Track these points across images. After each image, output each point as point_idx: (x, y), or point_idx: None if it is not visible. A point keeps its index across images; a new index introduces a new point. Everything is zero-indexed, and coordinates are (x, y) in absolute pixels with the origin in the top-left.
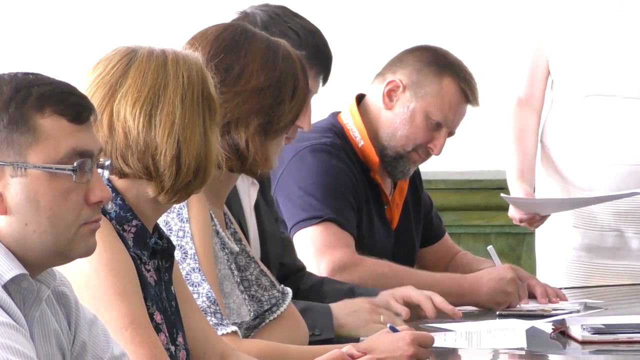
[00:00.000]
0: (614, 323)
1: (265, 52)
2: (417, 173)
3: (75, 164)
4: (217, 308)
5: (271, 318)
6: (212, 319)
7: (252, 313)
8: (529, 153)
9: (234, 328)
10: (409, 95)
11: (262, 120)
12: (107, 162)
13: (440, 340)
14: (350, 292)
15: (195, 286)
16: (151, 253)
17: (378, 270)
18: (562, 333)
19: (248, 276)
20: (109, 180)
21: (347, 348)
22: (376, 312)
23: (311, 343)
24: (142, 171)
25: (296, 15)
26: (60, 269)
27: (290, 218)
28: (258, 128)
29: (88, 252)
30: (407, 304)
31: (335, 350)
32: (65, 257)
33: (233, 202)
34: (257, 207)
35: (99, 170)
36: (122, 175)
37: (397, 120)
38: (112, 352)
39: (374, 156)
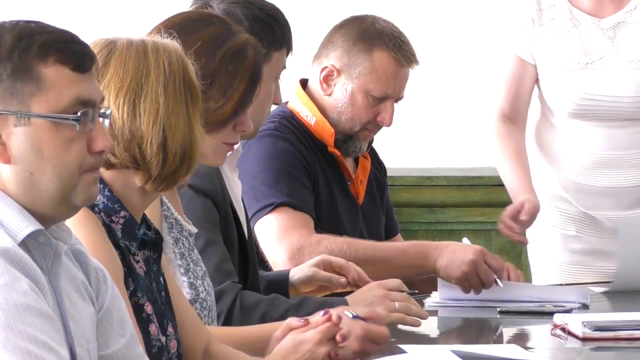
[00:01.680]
0: (614, 320)
1: (204, 44)
2: (381, 164)
3: (78, 114)
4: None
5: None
6: (198, 307)
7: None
8: (528, 169)
9: None
10: (344, 78)
11: None
12: (108, 112)
13: None
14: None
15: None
16: (140, 244)
17: (336, 248)
18: (562, 330)
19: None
20: None
21: (288, 321)
22: (390, 299)
23: None
24: (129, 160)
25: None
26: None
27: (249, 210)
28: None
29: (90, 199)
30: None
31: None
32: (70, 204)
33: (224, 191)
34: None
35: (100, 120)
36: (109, 166)
37: (338, 104)
38: (132, 331)
39: (329, 129)
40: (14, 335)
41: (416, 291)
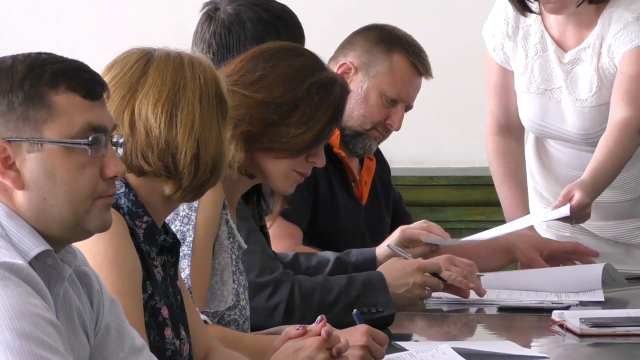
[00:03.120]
0: (611, 316)
1: (294, 72)
2: (386, 165)
3: (90, 138)
4: (192, 297)
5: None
6: (237, 313)
7: (237, 302)
8: (522, 188)
9: (204, 317)
10: (361, 75)
11: (254, 130)
12: (121, 140)
13: None
14: (337, 259)
15: (181, 271)
16: (159, 249)
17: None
18: (560, 326)
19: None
20: (124, 177)
21: (286, 330)
22: (425, 287)
23: (370, 322)
24: (162, 169)
25: (261, 2)
26: None
27: None
28: (245, 134)
29: (104, 226)
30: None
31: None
32: (83, 230)
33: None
34: None
35: (113, 148)
36: (141, 173)
37: (352, 101)
38: (132, 343)
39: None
40: (28, 342)
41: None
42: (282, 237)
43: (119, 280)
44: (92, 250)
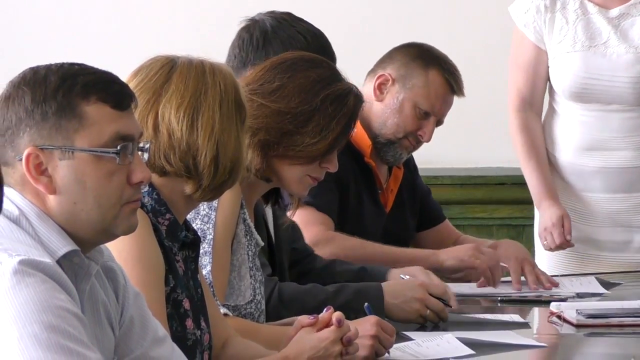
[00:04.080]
0: (606, 308)
1: (310, 83)
2: (413, 162)
3: (118, 147)
4: (213, 290)
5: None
6: (253, 307)
7: (254, 296)
8: (546, 164)
9: (225, 310)
10: (398, 87)
11: (271, 138)
12: (147, 145)
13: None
14: (362, 270)
15: (202, 268)
16: (181, 245)
17: (348, 244)
18: (558, 317)
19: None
20: None
21: (299, 319)
22: (425, 304)
23: None
24: (184, 169)
25: (302, 20)
26: None
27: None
28: (262, 142)
29: (130, 229)
30: None
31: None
32: (110, 233)
33: (259, 202)
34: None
35: (140, 153)
36: (163, 173)
37: (387, 110)
38: (155, 333)
39: (366, 140)
40: (55, 334)
41: (451, 307)
42: (315, 224)
43: (143, 274)
44: (117, 246)
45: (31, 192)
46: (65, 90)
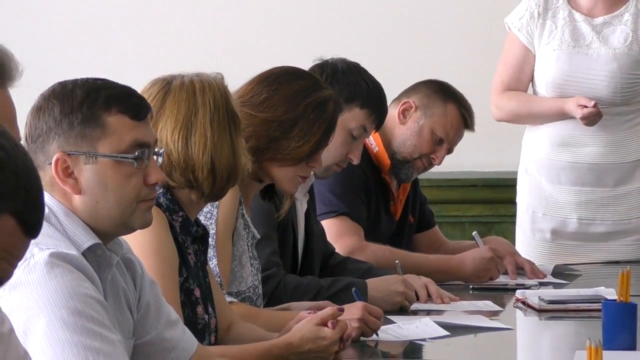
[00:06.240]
0: (565, 295)
1: (293, 94)
2: (416, 178)
3: (136, 153)
4: (220, 280)
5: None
6: (251, 292)
7: (253, 282)
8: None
9: (230, 299)
10: (420, 114)
11: (261, 144)
12: (161, 151)
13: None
14: (369, 270)
15: (209, 260)
16: (192, 239)
17: (379, 254)
18: (523, 303)
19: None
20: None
21: (300, 314)
22: (405, 297)
23: None
24: (185, 184)
25: (366, 71)
26: None
27: (317, 209)
28: (253, 148)
29: (145, 224)
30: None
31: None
32: (128, 227)
33: (291, 209)
34: (307, 213)
35: (154, 157)
36: (169, 188)
37: (408, 132)
38: (168, 317)
39: (386, 159)
40: (80, 317)
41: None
42: (350, 234)
43: (160, 265)
44: (138, 240)
45: (59, 192)
46: (90, 103)
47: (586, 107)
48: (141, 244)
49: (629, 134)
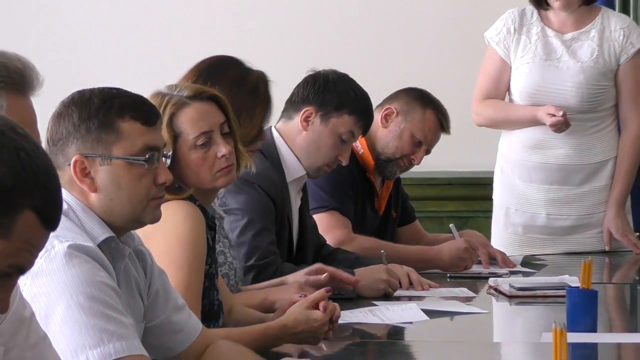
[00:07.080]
0: (533, 282)
1: (229, 88)
2: (398, 177)
3: (147, 156)
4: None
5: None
6: (233, 274)
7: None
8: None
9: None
10: (401, 118)
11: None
12: (169, 153)
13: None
14: (357, 260)
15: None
16: (208, 228)
17: (366, 245)
18: (495, 289)
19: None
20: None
21: (292, 297)
22: (389, 285)
23: (335, 299)
24: (176, 193)
25: (354, 81)
26: (152, 236)
27: (310, 204)
28: None
29: (155, 220)
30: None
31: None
32: (139, 222)
33: (286, 205)
34: (301, 209)
35: (163, 159)
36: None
37: (390, 135)
38: (175, 303)
39: (370, 160)
40: (96, 303)
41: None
42: (340, 227)
43: (189, 255)
44: (178, 231)
45: (77, 190)
46: (106, 110)
47: (555, 115)
48: (175, 233)
49: (594, 138)
